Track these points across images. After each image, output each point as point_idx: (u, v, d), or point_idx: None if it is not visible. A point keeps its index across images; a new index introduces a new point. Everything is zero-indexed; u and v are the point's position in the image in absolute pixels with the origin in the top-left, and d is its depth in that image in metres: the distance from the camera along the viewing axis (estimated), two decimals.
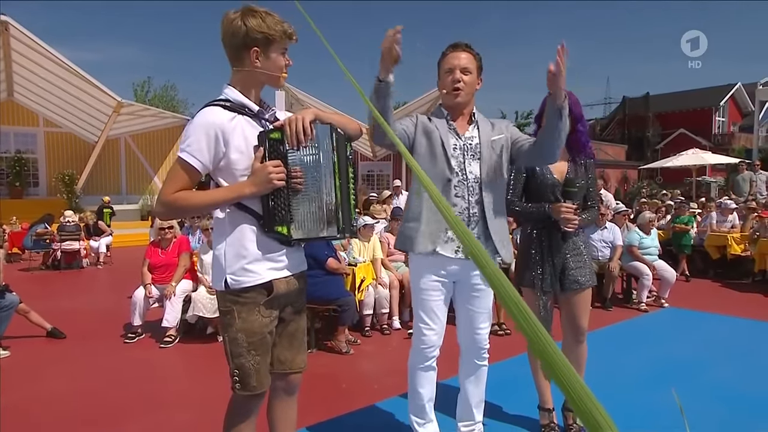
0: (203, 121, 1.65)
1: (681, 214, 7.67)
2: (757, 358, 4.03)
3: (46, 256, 9.32)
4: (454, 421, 2.52)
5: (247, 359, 1.71)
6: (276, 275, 1.73)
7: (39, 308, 4.79)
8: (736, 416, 2.92)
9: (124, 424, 2.94)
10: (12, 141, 15.19)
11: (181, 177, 1.66)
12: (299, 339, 1.90)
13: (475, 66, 2.23)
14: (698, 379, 3.52)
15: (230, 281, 1.69)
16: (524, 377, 3.45)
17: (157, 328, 4.60)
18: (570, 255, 2.55)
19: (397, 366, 3.83)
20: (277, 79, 1.74)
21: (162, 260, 4.82)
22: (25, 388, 3.54)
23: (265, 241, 1.70)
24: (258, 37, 1.65)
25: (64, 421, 3.01)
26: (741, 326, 4.98)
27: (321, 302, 4.19)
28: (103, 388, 3.53)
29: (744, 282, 7.19)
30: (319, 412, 2.96)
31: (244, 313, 1.70)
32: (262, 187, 1.64)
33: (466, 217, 2.21)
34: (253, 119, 1.74)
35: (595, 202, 2.69)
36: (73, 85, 12.79)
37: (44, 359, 4.16)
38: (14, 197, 14.49)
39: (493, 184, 2.25)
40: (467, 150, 2.24)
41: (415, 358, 2.35)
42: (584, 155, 2.61)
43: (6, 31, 11.06)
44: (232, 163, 1.68)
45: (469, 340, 2.35)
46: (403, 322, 4.90)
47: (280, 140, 1.68)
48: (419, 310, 2.31)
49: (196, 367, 4.02)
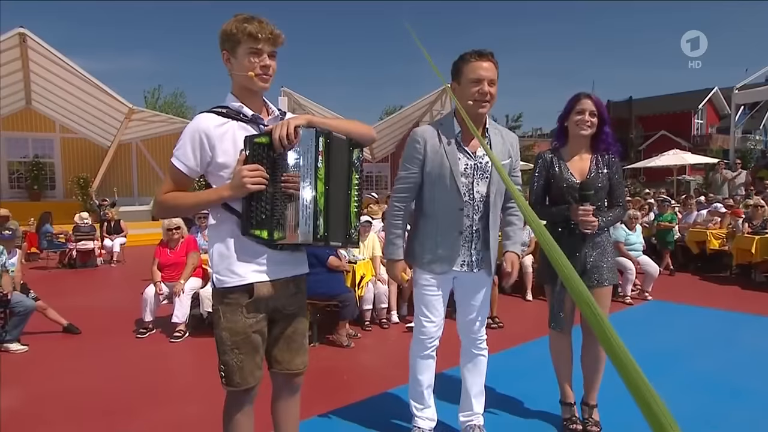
0: (190, 127, 1.65)
1: (663, 212, 7.64)
2: (737, 347, 4.02)
3: (62, 255, 9.28)
4: (455, 408, 2.49)
5: (231, 357, 1.68)
6: (258, 278, 1.66)
7: (56, 305, 4.74)
8: (718, 403, 2.90)
9: (136, 415, 2.91)
10: (30, 146, 15.10)
11: (171, 180, 1.68)
12: (297, 341, 1.83)
13: (496, 76, 2.13)
14: (682, 368, 3.49)
15: (215, 280, 1.68)
16: (519, 369, 3.46)
17: (168, 323, 4.56)
18: (591, 254, 2.47)
19: (396, 358, 3.80)
20: (248, 80, 1.63)
21: (170, 259, 4.78)
22: (43, 382, 3.51)
23: (247, 244, 1.63)
24: (225, 40, 1.63)
25: (80, 412, 2.97)
26: (721, 318, 4.96)
27: (322, 298, 4.15)
28: (116, 380, 3.50)
29: (722, 275, 7.19)
30: (322, 403, 2.92)
31: (228, 313, 1.66)
32: (237, 191, 1.58)
33: (470, 233, 2.22)
34: (250, 124, 1.68)
35: (622, 201, 2.56)
36: (88, 93, 12.75)
37: (61, 354, 4.12)
38: (33, 200, 14.40)
39: (497, 203, 2.25)
40: (477, 170, 2.18)
41: (416, 348, 2.38)
42: (609, 154, 2.51)
43: (24, 42, 11.00)
44: (219, 167, 1.64)
45: (467, 332, 2.35)
46: (401, 317, 4.87)
47: (268, 145, 1.60)
48: (420, 303, 2.32)
49: (205, 361, 3.97)
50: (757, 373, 3.39)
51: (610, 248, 2.55)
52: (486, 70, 2.06)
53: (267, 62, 1.64)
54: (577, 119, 2.43)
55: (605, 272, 2.48)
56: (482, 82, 2.06)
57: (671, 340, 4.19)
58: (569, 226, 2.45)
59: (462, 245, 2.20)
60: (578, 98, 2.45)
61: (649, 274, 5.68)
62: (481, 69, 2.06)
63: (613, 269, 2.54)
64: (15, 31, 10.75)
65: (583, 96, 2.44)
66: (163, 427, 2.76)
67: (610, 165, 2.50)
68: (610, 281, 2.51)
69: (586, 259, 2.46)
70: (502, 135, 2.29)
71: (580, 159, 2.50)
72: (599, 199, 2.46)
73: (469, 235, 2.20)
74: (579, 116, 2.43)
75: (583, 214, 2.34)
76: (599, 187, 2.44)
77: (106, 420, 2.87)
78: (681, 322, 4.83)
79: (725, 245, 7.21)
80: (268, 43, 1.62)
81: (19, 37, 10.85)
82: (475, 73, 2.06)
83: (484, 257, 2.25)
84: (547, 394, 2.86)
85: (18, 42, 10.98)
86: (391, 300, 4.79)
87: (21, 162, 14.97)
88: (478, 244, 2.22)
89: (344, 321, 4.21)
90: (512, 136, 2.35)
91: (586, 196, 2.35)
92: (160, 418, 2.88)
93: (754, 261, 6.62)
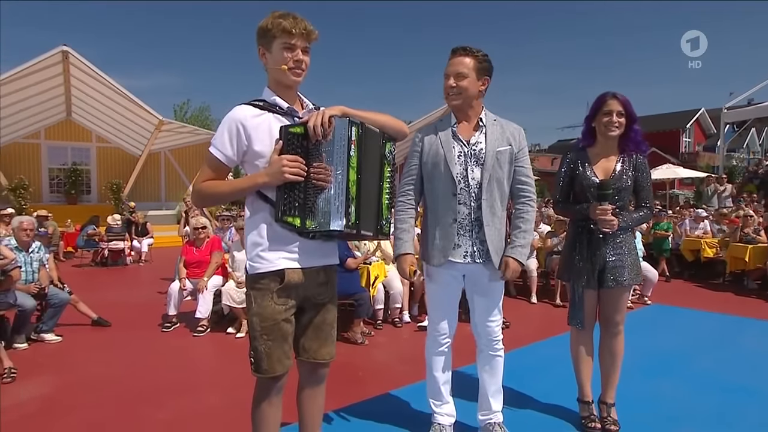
0: (228, 117, 1.59)
1: (659, 221, 7.47)
2: (737, 348, 3.86)
3: (95, 254, 9.29)
4: (474, 405, 2.34)
5: (260, 343, 1.59)
6: (288, 265, 1.58)
7: (88, 299, 4.68)
8: (723, 402, 2.73)
9: (162, 404, 2.81)
10: (69, 154, 15.25)
11: (210, 168, 1.62)
12: (325, 331, 1.73)
13: (473, 68, 2.01)
14: (686, 367, 3.33)
15: (248, 267, 1.62)
16: (531, 367, 3.31)
17: (191, 318, 4.48)
18: (610, 253, 2.30)
19: (408, 355, 3.68)
20: (281, 74, 1.57)
21: (196, 257, 4.70)
22: (75, 370, 3.43)
23: (279, 231, 1.57)
24: (261, 35, 1.58)
25: (109, 399, 2.89)
26: (720, 320, 4.79)
27: (339, 296, 4.02)
28: (142, 370, 3.41)
29: (715, 282, 6.99)
30: (338, 397, 2.79)
31: (258, 298, 1.59)
32: (274, 178, 1.51)
33: (469, 222, 2.05)
34: (285, 117, 1.61)
35: (648, 203, 2.35)
36: (122, 106, 12.85)
37: (92, 344, 4.04)
38: (70, 203, 14.51)
39: (492, 191, 2.05)
40: (471, 156, 2.05)
41: (429, 344, 2.28)
42: (636, 153, 2.32)
43: (66, 59, 11.13)
44: (255, 156, 1.57)
45: (481, 332, 2.20)
46: (413, 316, 4.73)
47: (303, 135, 1.52)
48: (428, 299, 2.25)
49: (226, 353, 3.88)
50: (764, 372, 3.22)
51: (632, 248, 2.36)
52: (452, 65, 2.04)
53: (300, 57, 1.57)
54: (605, 120, 2.27)
55: (626, 272, 2.30)
56: (448, 77, 2.05)
57: (674, 341, 4.03)
58: (589, 225, 2.32)
59: (461, 234, 2.05)
60: (604, 99, 2.27)
61: (648, 280, 5.50)
62: (448, 65, 2.06)
63: (635, 269, 2.35)
64: (58, 49, 10.89)
65: (610, 96, 2.27)
66: (187, 416, 2.66)
67: (637, 166, 2.32)
68: (630, 281, 2.32)
69: (605, 259, 2.31)
70: (503, 126, 2.11)
71: (607, 159, 2.34)
72: (621, 200, 2.30)
73: (468, 224, 2.05)
74: (606, 117, 2.26)
75: (601, 213, 2.20)
76: (622, 187, 2.28)
77: (133, 407, 2.77)
78: (683, 325, 4.65)
79: (719, 254, 7.04)
80: (302, 38, 1.56)
81: (62, 55, 10.98)
82: (445, 70, 2.07)
83: (480, 251, 2.07)
84: (561, 392, 2.72)
85: (61, 59, 11.11)
86: (403, 300, 4.66)
87: (60, 168, 15.11)
88: (480, 234, 2.05)
89: (359, 319, 4.09)
90: (515, 128, 2.13)
91: (604, 195, 2.20)
92: (184, 407, 2.78)
93: (747, 269, 6.47)
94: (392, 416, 2.58)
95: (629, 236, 2.37)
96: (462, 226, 2.06)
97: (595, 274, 2.31)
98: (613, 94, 2.28)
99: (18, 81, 11.00)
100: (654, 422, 2.49)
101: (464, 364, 3.03)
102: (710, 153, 25.97)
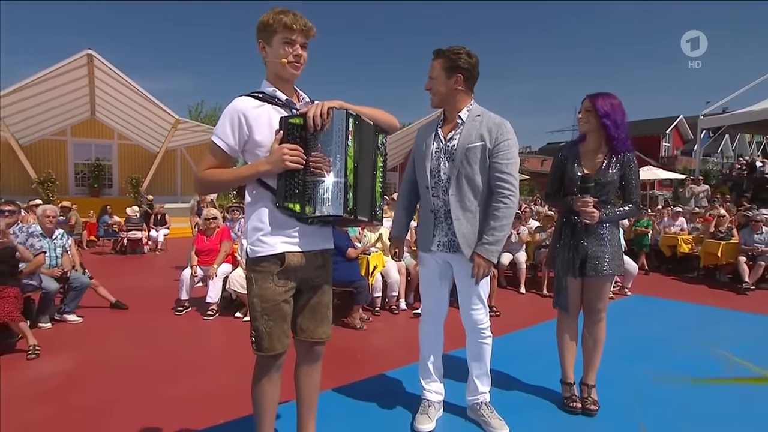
0: (229, 108, 1.54)
1: (640, 219, 7.44)
2: (710, 336, 3.83)
3: (115, 243, 9.30)
4: (464, 387, 2.31)
5: (261, 323, 1.56)
6: (288, 248, 1.55)
7: (107, 284, 4.66)
8: (696, 386, 2.71)
9: (175, 382, 2.79)
10: (93, 151, 15.23)
11: (212, 156, 1.57)
12: (321, 312, 1.70)
13: (441, 68, 1.95)
14: (662, 353, 3.31)
15: (249, 251, 1.58)
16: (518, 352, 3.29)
17: (202, 303, 4.46)
18: (591, 244, 2.27)
19: (403, 340, 3.65)
20: (280, 67, 1.53)
21: (206, 246, 4.67)
22: (94, 349, 3.42)
23: (279, 216, 1.54)
24: (261, 30, 1.53)
25: (125, 377, 2.87)
26: (694, 310, 4.77)
27: (340, 284, 4.01)
28: (157, 350, 3.39)
29: (690, 275, 6.97)
30: (338, 377, 2.78)
31: (259, 280, 1.56)
32: (275, 166, 1.48)
33: (442, 213, 2.05)
34: (283, 108, 1.57)
35: (635, 199, 2.26)
36: (142, 106, 12.82)
37: (110, 326, 4.02)
38: (93, 196, 14.48)
39: (461, 186, 1.97)
40: (444, 152, 2.02)
41: (421, 326, 2.30)
42: (625, 151, 2.25)
43: (91, 62, 11.09)
44: (255, 145, 1.53)
45: (467, 319, 2.16)
46: (409, 304, 4.70)
47: (302, 126, 1.49)
48: (422, 285, 2.27)
49: (234, 336, 3.86)
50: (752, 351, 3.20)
51: (614, 241, 2.31)
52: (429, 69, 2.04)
53: (299, 52, 1.54)
54: (577, 117, 2.35)
55: (606, 263, 2.26)
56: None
57: (655, 329, 4.00)
58: (573, 217, 2.30)
59: (436, 225, 2.07)
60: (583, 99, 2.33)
61: (629, 273, 5.47)
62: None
63: (617, 260, 2.30)
64: (84, 53, 10.85)
65: (585, 97, 2.31)
66: (198, 393, 2.64)
67: (624, 164, 2.26)
68: (610, 270, 2.27)
69: (587, 249, 2.28)
70: (483, 121, 1.97)
71: (595, 155, 2.32)
72: (605, 194, 2.26)
73: (442, 216, 2.05)
74: (579, 115, 2.35)
75: (582, 205, 2.18)
76: (606, 182, 2.24)
77: (148, 385, 2.75)
78: (661, 314, 4.62)
79: (694, 249, 7.03)
80: (302, 34, 1.52)
81: (87, 58, 10.95)
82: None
83: (450, 243, 2.03)
84: (546, 375, 2.70)
85: (86, 62, 11.06)
86: (400, 289, 4.64)
87: (85, 164, 15.10)
88: (453, 226, 2.00)
89: (358, 305, 4.06)
90: (493, 122, 1.96)
91: (586, 188, 2.18)
92: (196, 385, 2.76)
93: (719, 263, 6.47)
94: (386, 394, 2.56)
95: (612, 229, 2.32)
96: (437, 217, 2.07)
97: (577, 263, 2.29)
98: (588, 95, 2.28)
99: (46, 82, 10.98)
100: (631, 403, 2.47)
101: (456, 348, 3.01)
102: (688, 157, 25.91)
